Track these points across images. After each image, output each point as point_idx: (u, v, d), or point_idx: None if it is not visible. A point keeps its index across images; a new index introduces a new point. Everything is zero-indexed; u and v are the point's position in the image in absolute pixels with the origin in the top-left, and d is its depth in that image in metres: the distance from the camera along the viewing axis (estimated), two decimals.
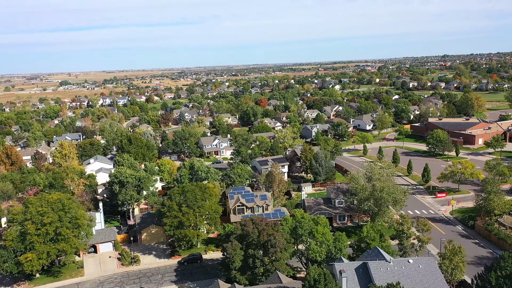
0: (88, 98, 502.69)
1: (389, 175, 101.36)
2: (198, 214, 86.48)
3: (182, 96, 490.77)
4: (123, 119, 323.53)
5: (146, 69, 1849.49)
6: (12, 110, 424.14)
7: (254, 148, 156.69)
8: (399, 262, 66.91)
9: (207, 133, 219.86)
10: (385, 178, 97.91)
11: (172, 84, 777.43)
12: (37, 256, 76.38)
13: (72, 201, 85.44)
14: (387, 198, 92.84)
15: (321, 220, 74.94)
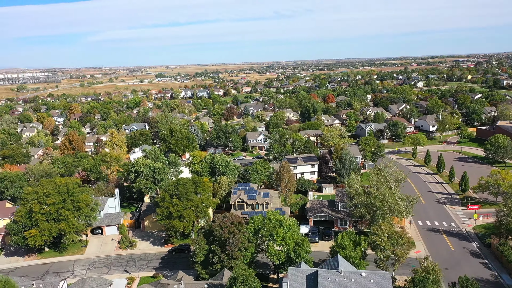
0: (172, 90, 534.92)
1: (395, 182, 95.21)
2: (187, 206, 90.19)
3: (258, 90, 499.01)
4: (193, 111, 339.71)
5: (237, 63, 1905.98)
6: (110, 99, 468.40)
7: (286, 145, 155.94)
8: (351, 274, 63.78)
9: (257, 128, 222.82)
10: (384, 184, 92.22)
11: (257, 78, 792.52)
12: (39, 233, 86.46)
13: (78, 185, 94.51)
14: (380, 206, 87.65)
15: (285, 223, 73.72)
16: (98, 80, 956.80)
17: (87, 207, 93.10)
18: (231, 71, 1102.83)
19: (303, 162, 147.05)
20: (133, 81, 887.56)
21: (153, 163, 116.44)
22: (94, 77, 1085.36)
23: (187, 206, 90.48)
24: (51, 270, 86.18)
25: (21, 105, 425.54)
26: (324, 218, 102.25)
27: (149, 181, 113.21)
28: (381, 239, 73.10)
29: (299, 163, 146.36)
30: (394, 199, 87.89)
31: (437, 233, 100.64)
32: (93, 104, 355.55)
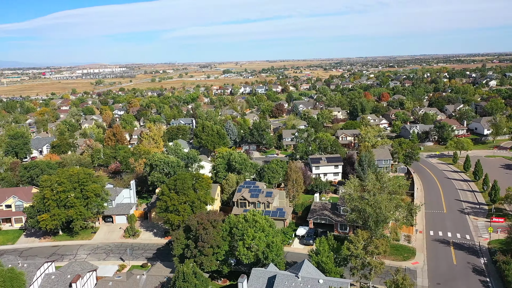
0: (232, 86, 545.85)
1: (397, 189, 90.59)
2: (182, 201, 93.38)
3: (317, 87, 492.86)
4: (245, 107, 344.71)
5: (306, 59, 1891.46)
6: (171, 94, 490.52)
7: (312, 145, 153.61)
8: (309, 280, 62.67)
9: (299, 125, 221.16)
10: (380, 191, 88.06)
11: (322, 74, 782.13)
12: (50, 218, 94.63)
13: (89, 176, 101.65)
14: (371, 213, 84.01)
15: (259, 224, 73.64)
16: (169, 75, 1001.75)
17: (96, 196, 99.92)
18: (297, 68, 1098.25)
19: (327, 162, 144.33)
20: (201, 77, 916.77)
21: (168, 157, 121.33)
22: (166, 72, 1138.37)
23: (183, 201, 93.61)
24: (58, 252, 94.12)
25: (92, 99, 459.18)
26: (324, 221, 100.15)
27: (162, 175, 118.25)
28: (356, 246, 70.51)
29: (322, 163, 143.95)
30: (386, 206, 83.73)
31: (446, 244, 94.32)
32: (151, 99, 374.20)
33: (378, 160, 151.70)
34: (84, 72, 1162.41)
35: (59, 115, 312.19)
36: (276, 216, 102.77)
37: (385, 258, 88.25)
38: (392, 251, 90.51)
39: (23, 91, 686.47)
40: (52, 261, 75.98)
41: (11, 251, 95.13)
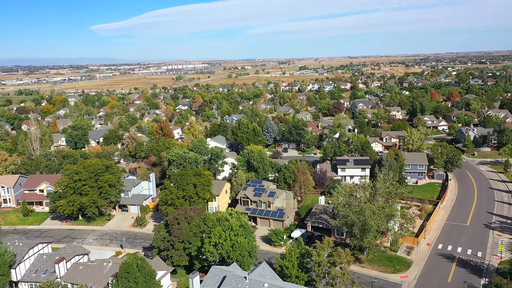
0: (300, 83, 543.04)
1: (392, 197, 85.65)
2: (180, 196, 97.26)
3: (385, 85, 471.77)
4: (305, 105, 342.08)
5: (390, 55, 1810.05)
6: (237, 90, 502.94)
7: (341, 146, 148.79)
8: (255, 283, 62.37)
9: (347, 125, 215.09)
10: (371, 198, 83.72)
11: (402, 71, 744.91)
12: (67, 203, 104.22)
13: (106, 167, 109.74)
14: (355, 221, 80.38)
15: (228, 223, 74.41)
16: (245, 72, 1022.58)
17: (110, 186, 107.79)
18: (376, 64, 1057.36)
19: (353, 164, 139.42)
20: (277, 73, 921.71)
21: (187, 152, 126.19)
22: (244, 68, 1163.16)
23: (181, 196, 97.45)
24: (71, 235, 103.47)
25: (165, 93, 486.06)
26: (322, 225, 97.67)
27: (179, 169, 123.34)
28: (318, 253, 68.43)
29: (348, 166, 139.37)
30: (371, 214, 79.54)
31: (450, 260, 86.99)
32: (215, 95, 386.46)
33: (413, 165, 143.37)
34: (168, 68, 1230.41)
35: (128, 109, 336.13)
36: (275, 217, 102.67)
37: (374, 268, 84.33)
38: (385, 262, 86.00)
39: (112, 85, 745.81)
40: (48, 242, 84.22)
41: (34, 231, 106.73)
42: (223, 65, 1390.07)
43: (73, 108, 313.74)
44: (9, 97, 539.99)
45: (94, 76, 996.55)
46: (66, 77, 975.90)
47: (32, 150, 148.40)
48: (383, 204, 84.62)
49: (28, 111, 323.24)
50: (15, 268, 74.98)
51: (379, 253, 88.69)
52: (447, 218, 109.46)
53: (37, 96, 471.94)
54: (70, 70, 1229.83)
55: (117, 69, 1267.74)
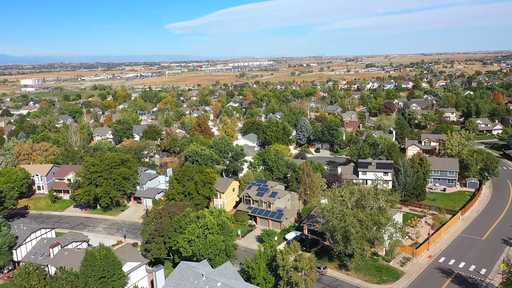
0: (359, 81, 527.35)
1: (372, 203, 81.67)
2: (180, 191, 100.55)
3: (447, 84, 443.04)
4: (357, 104, 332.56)
5: (468, 52, 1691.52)
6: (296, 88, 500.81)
7: (365, 148, 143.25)
8: (210, 281, 63.41)
9: (387, 126, 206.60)
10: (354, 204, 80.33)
11: (477, 69, 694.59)
12: (83, 193, 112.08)
13: (121, 160, 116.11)
14: (337, 227, 77.80)
15: (202, 220, 75.77)
16: (310, 69, 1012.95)
17: (123, 179, 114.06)
18: (450, 62, 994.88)
19: (375, 168, 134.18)
20: (342, 71, 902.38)
21: (204, 149, 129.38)
22: (309, 66, 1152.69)
23: (181, 191, 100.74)
24: (85, 223, 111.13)
25: (221, 90, 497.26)
26: (317, 229, 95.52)
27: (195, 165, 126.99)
28: (283, 259, 67.51)
29: (370, 169, 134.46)
30: (353, 221, 76.49)
31: (446, 275, 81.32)
32: (265, 93, 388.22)
33: (442, 171, 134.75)
34: (235, 65, 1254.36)
35: (182, 105, 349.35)
36: (273, 217, 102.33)
37: (358, 277, 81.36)
38: (373, 271, 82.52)
39: (178, 82, 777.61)
40: (52, 228, 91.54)
41: (55, 216, 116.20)
42: (288, 62, 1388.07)
43: (131, 103, 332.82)
44: (85, 92, 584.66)
45: (164, 73, 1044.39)
46: (138, 74, 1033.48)
47: (73, 142, 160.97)
48: (371, 211, 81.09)
49: (92, 106, 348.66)
50: (16, 249, 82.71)
51: (370, 262, 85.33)
52: (464, 230, 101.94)
53: (103, 91, 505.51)
54: (143, 67, 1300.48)
55: (187, 66, 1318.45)
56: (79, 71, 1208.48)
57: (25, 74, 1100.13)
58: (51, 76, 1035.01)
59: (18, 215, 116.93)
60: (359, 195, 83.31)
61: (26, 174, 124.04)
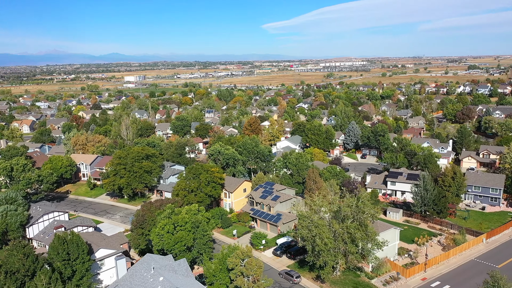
0: (449, 84, 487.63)
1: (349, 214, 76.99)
2: (185, 188, 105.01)
3: None
4: (435, 109, 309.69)
5: None
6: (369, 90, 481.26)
7: (399, 156, 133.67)
8: (155, 275, 66.17)
9: (447, 134, 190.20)
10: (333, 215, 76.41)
11: None
12: (109, 183, 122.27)
13: (146, 155, 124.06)
14: (307, 237, 75.11)
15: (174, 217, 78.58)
16: (403, 70, 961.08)
17: (145, 172, 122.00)
18: None
19: (405, 179, 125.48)
20: (439, 73, 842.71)
21: (227, 149, 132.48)
22: (404, 67, 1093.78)
23: (184, 188, 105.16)
24: (108, 210, 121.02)
25: (300, 90, 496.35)
26: (291, 237, 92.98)
27: (218, 163, 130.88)
28: (232, 262, 67.58)
29: (399, 179, 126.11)
30: (321, 232, 73.24)
31: None
32: (338, 94, 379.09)
33: (484, 188, 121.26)
34: (326, 65, 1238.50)
35: (252, 104, 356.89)
36: (271, 221, 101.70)
37: None
38: (348, 287, 78.24)
39: (264, 81, 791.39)
40: (65, 212, 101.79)
41: (86, 202, 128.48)
42: (383, 62, 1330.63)
43: (204, 101, 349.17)
44: (177, 89, 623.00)
45: (253, 72, 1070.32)
46: (229, 72, 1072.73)
47: (124, 135, 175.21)
48: (350, 224, 76.90)
49: (171, 102, 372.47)
50: (28, 227, 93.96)
51: (350, 277, 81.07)
52: (481, 255, 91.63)
53: (186, 88, 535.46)
54: (236, 66, 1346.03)
55: (278, 66, 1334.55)
56: (178, 69, 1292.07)
57: (131, 71, 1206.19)
58: (152, 73, 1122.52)
59: (58, 198, 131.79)
60: (337, 206, 79.51)
61: (70, 162, 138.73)
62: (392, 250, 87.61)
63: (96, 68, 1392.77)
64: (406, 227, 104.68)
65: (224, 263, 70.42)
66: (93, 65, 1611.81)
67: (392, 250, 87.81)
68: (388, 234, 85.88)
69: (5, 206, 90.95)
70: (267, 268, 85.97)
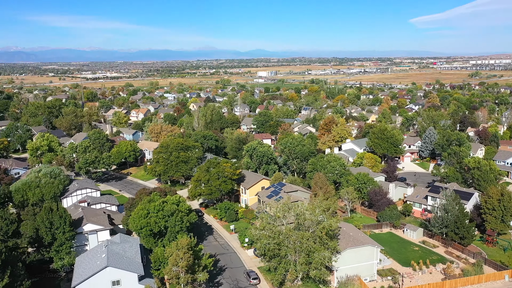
0: None
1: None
2: (199, 179, 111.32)
3: None
4: None
5: None
6: None
7: (449, 169, 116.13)
8: (105, 251, 73.37)
9: None
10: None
11: None
12: (151, 169, 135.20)
13: (186, 147, 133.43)
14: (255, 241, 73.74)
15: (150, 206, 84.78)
16: None
17: (182, 162, 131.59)
18: None
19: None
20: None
21: (261, 147, 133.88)
22: None
23: (199, 179, 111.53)
24: None
25: (423, 91, 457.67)
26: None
27: (252, 160, 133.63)
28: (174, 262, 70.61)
29: (440, 195, 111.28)
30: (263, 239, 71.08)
31: None
32: (456, 96, 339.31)
33: None
34: (476, 63, 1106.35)
35: (357, 103, 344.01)
36: None
37: None
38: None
39: (395, 79, 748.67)
40: (97, 189, 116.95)
41: (136, 183, 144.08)
42: None
43: (305, 97, 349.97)
44: (303, 84, 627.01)
45: (387, 70, 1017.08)
46: (362, 69, 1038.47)
47: (196, 127, 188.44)
48: (309, 234, 73.08)
49: (277, 98, 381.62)
50: (63, 199, 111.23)
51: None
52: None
53: (302, 85, 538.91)
54: (373, 63, 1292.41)
55: (420, 63, 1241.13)
56: (312, 65, 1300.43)
57: (268, 66, 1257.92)
58: (286, 69, 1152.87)
59: (118, 178, 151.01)
60: (295, 213, 75.98)
61: (134, 148, 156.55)
62: (368, 269, 79.71)
63: (237, 63, 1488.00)
64: (416, 248, 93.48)
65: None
66: (236, 60, 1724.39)
67: (369, 269, 79.84)
68: (363, 251, 78.59)
69: (46, 179, 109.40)
70: (240, 265, 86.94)
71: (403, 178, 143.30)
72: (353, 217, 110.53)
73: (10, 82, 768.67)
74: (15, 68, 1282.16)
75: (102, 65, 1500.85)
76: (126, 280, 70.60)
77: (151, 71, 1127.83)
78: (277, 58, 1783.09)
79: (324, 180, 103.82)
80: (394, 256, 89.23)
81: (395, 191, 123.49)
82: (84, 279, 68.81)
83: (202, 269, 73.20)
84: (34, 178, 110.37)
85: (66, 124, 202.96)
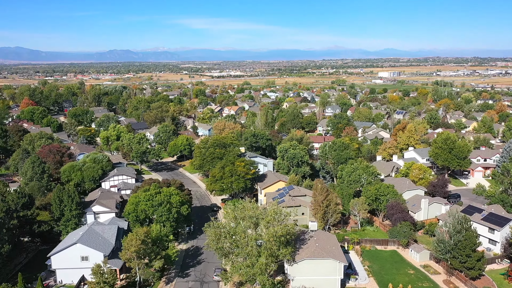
0: None
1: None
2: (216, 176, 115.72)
3: None
4: None
5: None
6: None
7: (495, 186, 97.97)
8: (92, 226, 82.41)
9: None
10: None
11: None
12: (191, 162, 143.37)
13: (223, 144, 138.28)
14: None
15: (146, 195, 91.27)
16: None
17: (216, 158, 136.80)
18: None
19: (480, 219, 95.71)
20: None
21: (294, 148, 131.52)
22: None
23: (214, 175, 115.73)
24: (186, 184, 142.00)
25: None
26: None
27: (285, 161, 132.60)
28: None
29: (474, 218, 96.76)
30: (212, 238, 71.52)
31: None
32: None
33: None
34: None
35: (464, 106, 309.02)
36: None
37: None
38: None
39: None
40: (133, 177, 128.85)
41: (183, 175, 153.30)
42: None
43: (408, 100, 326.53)
44: (420, 86, 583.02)
45: None
46: (504, 71, 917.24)
47: (258, 126, 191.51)
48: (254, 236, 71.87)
49: (376, 100, 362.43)
50: (101, 182, 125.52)
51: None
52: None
53: (413, 87, 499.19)
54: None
55: None
56: (446, 65, 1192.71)
57: (394, 67, 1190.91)
58: (413, 69, 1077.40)
59: (171, 168, 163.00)
60: (253, 215, 74.65)
61: (190, 142, 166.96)
62: (329, 284, 74.20)
63: (363, 63, 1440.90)
64: (411, 271, 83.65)
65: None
66: (362, 60, 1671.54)
67: (331, 284, 74.27)
68: (324, 264, 73.69)
69: (89, 164, 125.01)
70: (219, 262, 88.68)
71: (456, 195, 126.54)
72: (364, 230, 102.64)
73: (149, 78, 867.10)
74: (158, 66, 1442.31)
75: (231, 64, 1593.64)
76: (94, 257, 78.07)
77: (273, 70, 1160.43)
78: (408, 58, 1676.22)
79: (324, 186, 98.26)
80: (377, 276, 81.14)
81: (430, 207, 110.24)
82: (58, 251, 78.72)
83: (161, 258, 77.49)
84: (82, 162, 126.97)
85: (151, 117, 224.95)
